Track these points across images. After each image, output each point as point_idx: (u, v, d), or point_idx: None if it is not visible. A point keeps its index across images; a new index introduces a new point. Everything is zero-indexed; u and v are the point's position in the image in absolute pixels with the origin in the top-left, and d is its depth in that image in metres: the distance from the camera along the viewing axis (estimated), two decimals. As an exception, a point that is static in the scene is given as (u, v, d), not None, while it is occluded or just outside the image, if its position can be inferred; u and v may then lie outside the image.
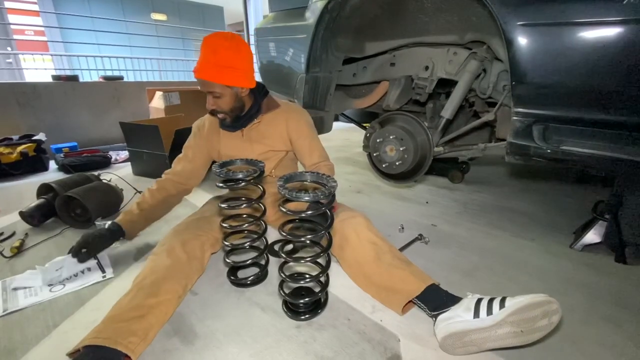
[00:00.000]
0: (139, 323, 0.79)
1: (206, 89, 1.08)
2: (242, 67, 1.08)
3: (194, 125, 1.30)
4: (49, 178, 2.14)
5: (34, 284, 1.06)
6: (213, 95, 1.09)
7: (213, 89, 1.07)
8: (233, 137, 1.24)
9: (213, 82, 1.05)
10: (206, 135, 1.26)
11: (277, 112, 1.23)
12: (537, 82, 0.97)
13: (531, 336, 0.74)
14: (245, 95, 1.15)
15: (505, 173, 2.35)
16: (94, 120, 3.30)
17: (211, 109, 1.13)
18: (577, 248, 1.29)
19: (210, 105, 1.12)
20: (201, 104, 3.80)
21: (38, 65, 5.00)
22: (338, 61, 1.68)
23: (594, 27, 0.86)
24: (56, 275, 1.07)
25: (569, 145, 0.96)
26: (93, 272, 1.13)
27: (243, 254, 1.22)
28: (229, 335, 0.87)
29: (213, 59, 1.03)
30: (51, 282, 1.06)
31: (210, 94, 1.09)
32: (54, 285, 1.06)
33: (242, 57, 1.07)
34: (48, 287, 1.05)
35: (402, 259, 0.98)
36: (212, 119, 1.28)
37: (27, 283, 1.06)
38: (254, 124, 1.22)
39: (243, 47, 1.08)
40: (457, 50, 1.42)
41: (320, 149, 1.27)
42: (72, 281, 1.09)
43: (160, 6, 8.91)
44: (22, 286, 1.05)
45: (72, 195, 1.44)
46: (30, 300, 1.00)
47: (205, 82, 1.06)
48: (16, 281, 1.08)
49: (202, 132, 1.27)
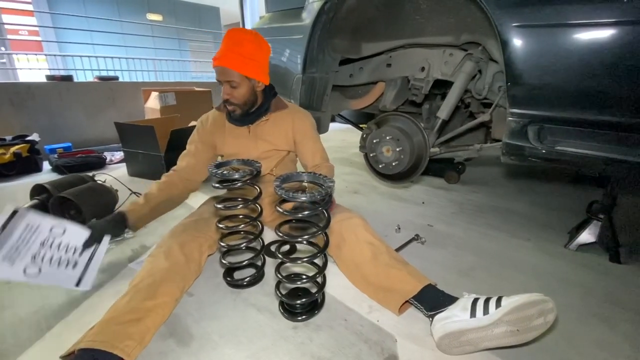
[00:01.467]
0: (136, 326, 0.78)
1: (225, 77, 1.09)
2: (263, 62, 1.13)
3: (198, 120, 1.30)
4: (43, 179, 2.12)
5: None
6: (230, 84, 1.10)
7: (232, 77, 1.08)
8: (238, 133, 1.25)
9: (234, 71, 1.07)
10: (210, 129, 1.26)
11: (285, 113, 1.25)
12: (531, 83, 0.98)
13: (527, 335, 0.74)
14: (260, 90, 1.18)
15: (501, 173, 2.36)
16: (89, 121, 3.28)
17: (226, 98, 1.13)
18: (571, 248, 1.30)
19: (226, 94, 1.12)
20: (197, 105, 3.76)
21: (32, 65, 4.95)
22: (334, 62, 1.68)
23: (587, 29, 0.87)
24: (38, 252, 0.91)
25: (564, 145, 0.97)
26: (69, 274, 0.96)
27: (239, 255, 1.22)
28: (225, 336, 0.86)
29: (237, 49, 1.07)
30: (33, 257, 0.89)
31: (227, 83, 1.10)
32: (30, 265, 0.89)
33: (263, 53, 1.13)
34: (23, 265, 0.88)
35: (398, 260, 0.98)
36: (216, 114, 1.28)
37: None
38: (262, 121, 1.23)
39: (264, 45, 1.14)
40: (452, 51, 1.43)
41: (322, 150, 1.29)
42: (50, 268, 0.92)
43: (156, 6, 8.87)
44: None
45: (66, 196, 1.43)
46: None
47: (226, 70, 1.08)
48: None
49: (206, 126, 1.27)
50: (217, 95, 3.81)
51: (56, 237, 0.94)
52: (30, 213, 0.91)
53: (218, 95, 3.81)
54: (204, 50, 8.71)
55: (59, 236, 0.95)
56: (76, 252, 0.98)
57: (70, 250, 0.97)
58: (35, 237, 0.91)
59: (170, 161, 2.15)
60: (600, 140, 0.93)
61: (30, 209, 0.96)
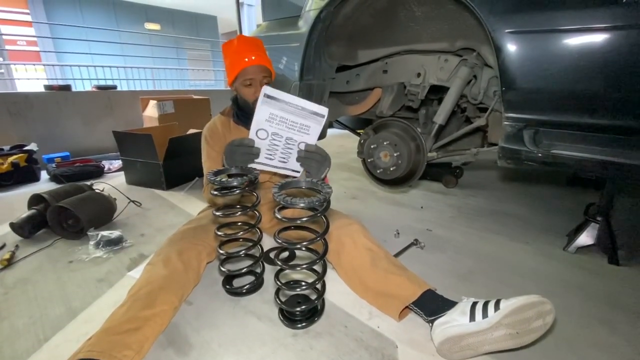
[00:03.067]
0: (134, 335, 0.78)
1: (260, 75, 1.16)
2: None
3: (205, 129, 1.30)
4: (41, 188, 2.11)
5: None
6: (267, 80, 1.18)
7: (267, 73, 1.18)
8: (243, 136, 1.25)
9: (268, 67, 1.17)
10: (222, 132, 1.29)
11: None
12: (526, 88, 1.00)
13: (527, 337, 0.74)
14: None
15: (498, 177, 2.37)
16: (87, 130, 3.28)
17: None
18: (570, 250, 1.30)
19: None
20: (195, 113, 3.77)
21: (30, 75, 4.96)
22: (331, 69, 1.69)
23: (579, 34, 0.88)
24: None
25: (560, 149, 0.98)
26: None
27: (238, 262, 1.21)
28: (225, 345, 0.85)
29: (260, 51, 1.18)
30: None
31: (264, 79, 1.18)
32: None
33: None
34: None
35: (397, 265, 0.98)
36: (223, 119, 1.32)
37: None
38: None
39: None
40: (448, 57, 1.44)
41: None
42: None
43: (154, 16, 8.96)
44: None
45: (64, 205, 1.42)
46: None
47: (263, 67, 1.17)
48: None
49: (217, 131, 1.29)
50: (215, 103, 3.82)
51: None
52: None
53: (216, 103, 3.84)
54: (201, 58, 8.78)
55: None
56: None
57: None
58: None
59: (168, 169, 2.15)
60: (595, 143, 0.94)
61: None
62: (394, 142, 1.46)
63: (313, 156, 0.97)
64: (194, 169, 2.26)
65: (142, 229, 1.59)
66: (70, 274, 1.21)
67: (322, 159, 0.99)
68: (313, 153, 0.97)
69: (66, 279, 1.17)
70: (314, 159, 0.97)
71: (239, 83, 1.18)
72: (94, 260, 1.29)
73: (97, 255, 1.31)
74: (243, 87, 1.18)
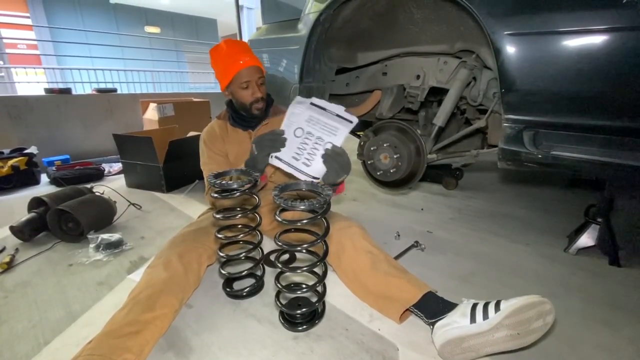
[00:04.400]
0: (135, 339, 0.78)
1: (256, 75, 1.18)
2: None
3: (204, 133, 1.31)
4: (41, 191, 2.11)
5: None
6: (262, 81, 1.21)
7: (262, 74, 1.20)
8: (241, 140, 1.29)
9: (260, 67, 1.20)
10: (220, 135, 1.30)
11: (283, 117, 1.26)
12: (525, 90, 1.00)
13: (528, 338, 0.74)
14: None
15: (498, 179, 2.37)
16: (87, 133, 3.28)
17: (260, 95, 1.21)
18: (571, 252, 1.30)
19: (260, 92, 1.20)
20: (195, 115, 3.78)
21: (31, 78, 4.98)
22: (331, 71, 1.70)
23: (577, 36, 0.89)
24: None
25: (559, 150, 0.98)
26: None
27: (239, 265, 1.21)
28: (225, 348, 0.85)
29: (250, 52, 1.19)
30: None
31: (259, 80, 1.20)
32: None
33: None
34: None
35: (398, 268, 0.98)
36: (220, 123, 1.32)
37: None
38: (262, 125, 1.29)
39: None
40: (447, 59, 1.45)
41: None
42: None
43: (154, 19, 9.00)
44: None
45: (64, 208, 1.42)
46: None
47: (257, 68, 1.19)
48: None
49: (215, 134, 1.30)
50: (215, 105, 3.83)
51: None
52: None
53: (216, 106, 3.85)
54: (201, 61, 8.81)
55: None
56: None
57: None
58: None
59: (168, 172, 2.15)
60: (594, 144, 0.94)
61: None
62: (394, 144, 1.46)
63: (337, 158, 0.98)
64: (194, 172, 2.25)
65: (142, 232, 1.58)
66: (70, 277, 1.20)
67: (345, 163, 1.00)
68: (338, 155, 0.98)
69: (66, 282, 1.17)
70: (336, 160, 0.98)
71: (235, 86, 1.18)
72: (94, 263, 1.29)
73: (97, 258, 1.31)
74: (240, 90, 1.18)
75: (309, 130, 1.01)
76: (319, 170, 1.01)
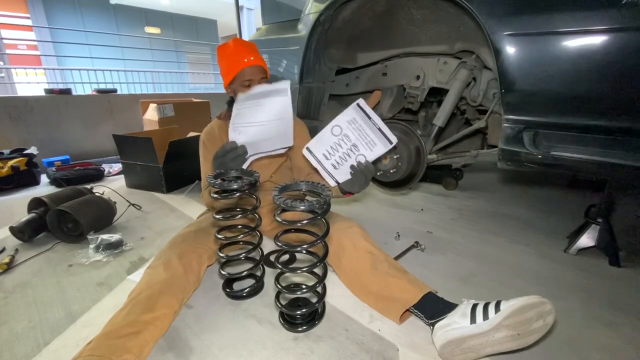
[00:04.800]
0: (134, 340, 0.77)
1: (259, 75, 1.18)
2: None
3: (203, 134, 1.31)
4: (41, 192, 2.12)
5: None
6: (263, 82, 1.18)
7: (264, 74, 1.20)
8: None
9: (264, 67, 1.20)
10: (219, 136, 1.30)
11: None
12: (525, 90, 1.00)
13: (528, 339, 0.74)
14: None
15: (498, 179, 2.37)
16: (87, 133, 3.28)
17: None
18: (571, 252, 1.30)
19: None
20: (195, 116, 3.78)
21: (31, 79, 4.98)
22: (331, 72, 1.70)
23: (577, 36, 0.89)
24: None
25: (559, 150, 0.98)
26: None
27: (239, 266, 1.21)
28: (225, 349, 0.85)
29: (256, 52, 1.20)
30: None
31: (262, 80, 1.19)
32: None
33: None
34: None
35: (398, 268, 0.97)
36: (220, 123, 1.32)
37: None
38: None
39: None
40: (447, 59, 1.45)
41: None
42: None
43: (154, 20, 9.01)
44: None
45: (64, 209, 1.42)
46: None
47: (261, 68, 1.19)
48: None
49: (214, 134, 1.30)
50: (215, 106, 3.83)
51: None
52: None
53: (216, 106, 3.85)
54: (201, 62, 8.81)
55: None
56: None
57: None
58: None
59: (168, 172, 2.16)
60: (594, 145, 0.94)
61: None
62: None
63: (366, 173, 0.98)
64: (194, 172, 2.25)
65: (142, 232, 1.58)
66: (70, 277, 1.20)
67: (369, 180, 1.01)
68: (369, 171, 0.98)
69: (66, 282, 1.17)
70: (365, 175, 0.98)
71: (237, 84, 1.18)
72: (94, 264, 1.29)
73: (97, 259, 1.31)
74: (242, 88, 1.18)
75: (346, 133, 0.98)
76: (343, 176, 1.01)
